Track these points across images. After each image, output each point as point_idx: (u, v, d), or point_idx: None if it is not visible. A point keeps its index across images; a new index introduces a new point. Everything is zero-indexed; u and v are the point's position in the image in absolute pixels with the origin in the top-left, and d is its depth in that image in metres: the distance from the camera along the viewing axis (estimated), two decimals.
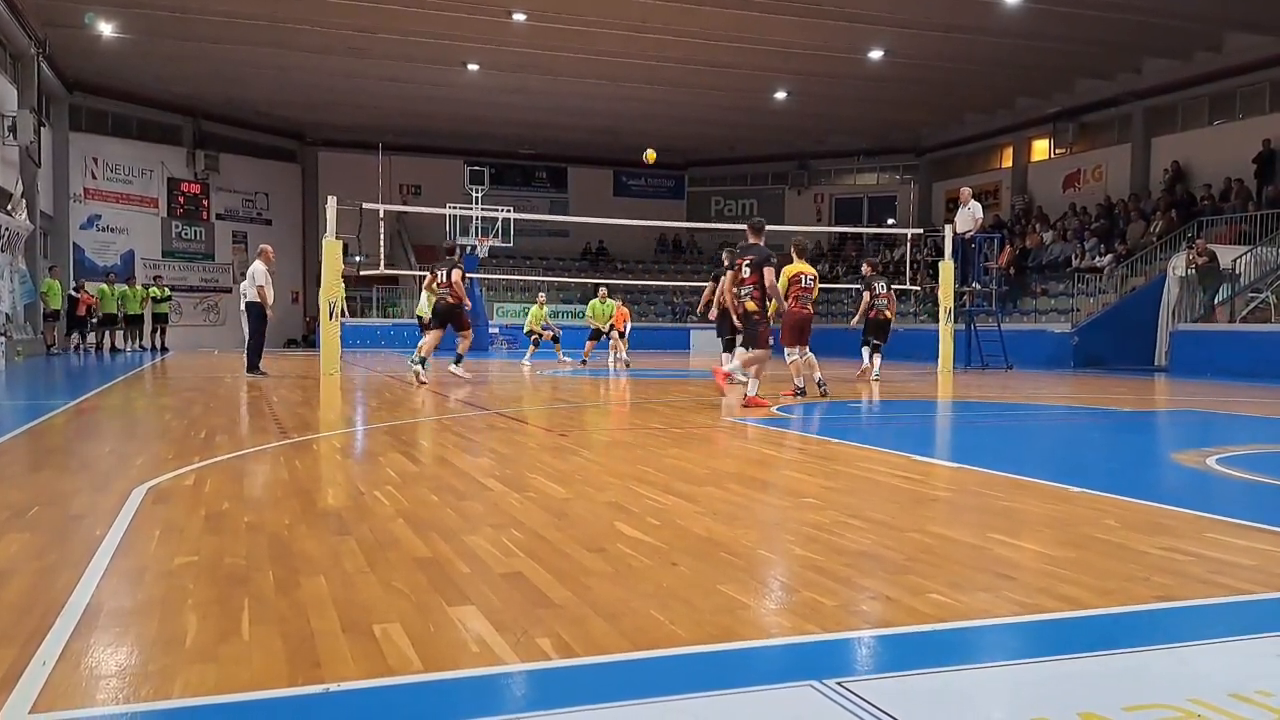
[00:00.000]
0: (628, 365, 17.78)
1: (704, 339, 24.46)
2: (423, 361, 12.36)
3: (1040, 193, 28.54)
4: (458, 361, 13.30)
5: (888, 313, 14.39)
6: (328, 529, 3.56)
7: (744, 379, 9.38)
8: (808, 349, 10.58)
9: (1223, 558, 3.19)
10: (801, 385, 10.32)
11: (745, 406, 8.80)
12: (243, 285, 21.16)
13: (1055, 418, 9.11)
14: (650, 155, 15.62)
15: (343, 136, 32.50)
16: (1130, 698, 1.95)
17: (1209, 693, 1.97)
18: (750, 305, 9.16)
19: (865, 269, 15.88)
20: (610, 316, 19.09)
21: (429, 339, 12.96)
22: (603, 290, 19.65)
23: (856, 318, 14.40)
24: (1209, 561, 3.14)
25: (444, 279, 12.81)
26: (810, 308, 10.89)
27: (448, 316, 12.92)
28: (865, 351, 14.49)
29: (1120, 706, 1.90)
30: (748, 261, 9.19)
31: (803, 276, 10.68)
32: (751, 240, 9.41)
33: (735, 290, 9.31)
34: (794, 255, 11.04)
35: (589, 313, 19.52)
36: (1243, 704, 1.92)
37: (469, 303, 13.47)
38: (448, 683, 2.05)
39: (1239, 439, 7.15)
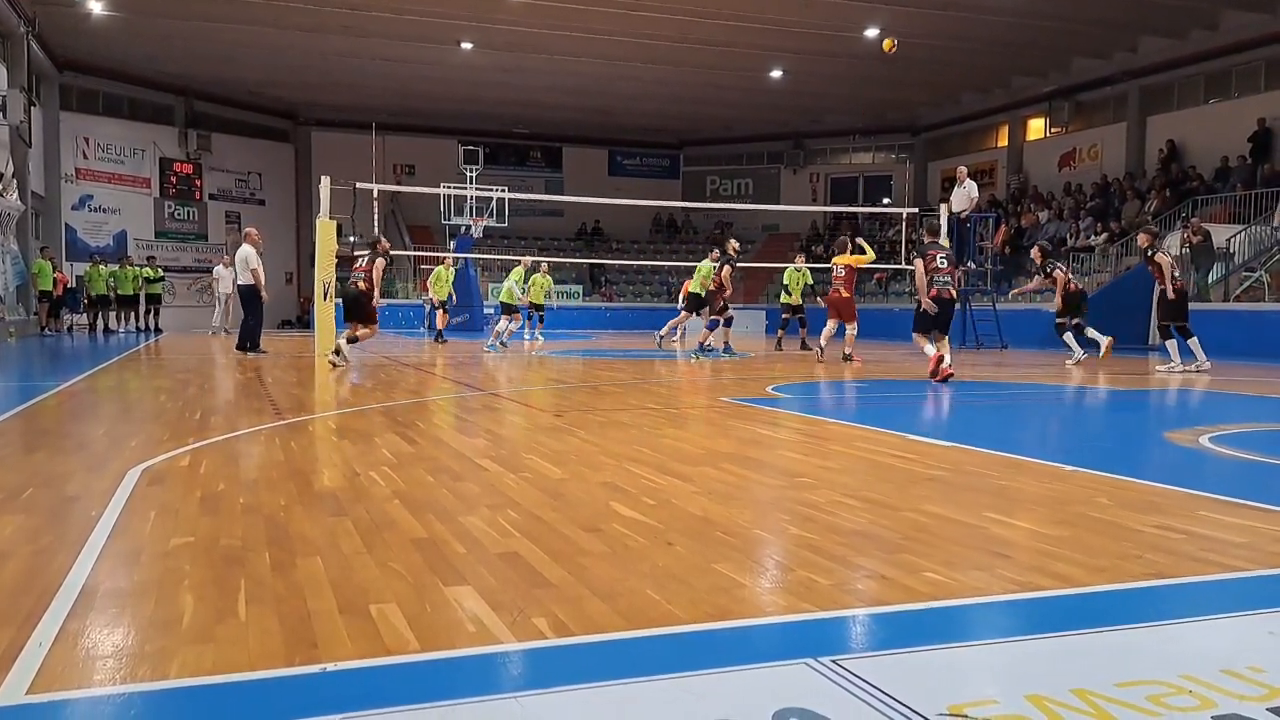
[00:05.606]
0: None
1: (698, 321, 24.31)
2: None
3: (1036, 172, 28.51)
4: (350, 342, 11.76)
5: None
6: (324, 510, 3.56)
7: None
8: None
9: (1215, 535, 3.21)
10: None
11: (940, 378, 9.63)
12: (216, 269, 21.78)
13: (1049, 397, 9.13)
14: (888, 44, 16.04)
15: (336, 116, 32.28)
16: (1123, 674, 1.96)
17: (1201, 669, 1.99)
18: (947, 293, 10.10)
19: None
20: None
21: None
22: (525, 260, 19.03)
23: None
24: (1201, 539, 3.16)
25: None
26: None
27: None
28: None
29: (1113, 683, 1.91)
30: (943, 255, 10.15)
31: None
32: (929, 239, 10.68)
33: (930, 279, 10.11)
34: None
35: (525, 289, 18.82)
36: (1234, 679, 1.93)
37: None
38: (444, 662, 2.05)
39: (1232, 418, 7.17)
